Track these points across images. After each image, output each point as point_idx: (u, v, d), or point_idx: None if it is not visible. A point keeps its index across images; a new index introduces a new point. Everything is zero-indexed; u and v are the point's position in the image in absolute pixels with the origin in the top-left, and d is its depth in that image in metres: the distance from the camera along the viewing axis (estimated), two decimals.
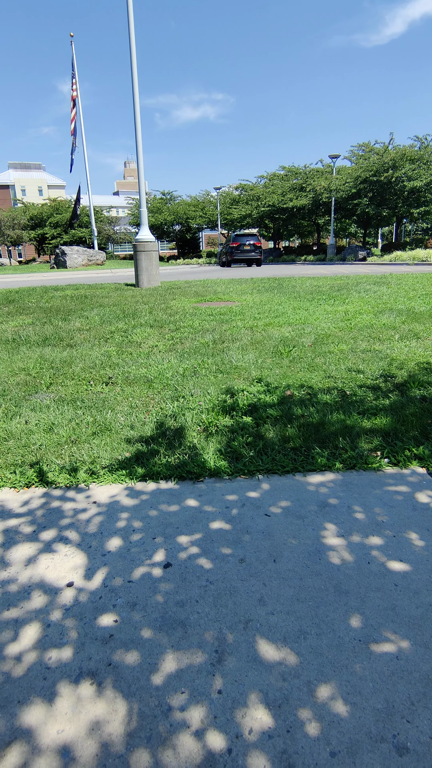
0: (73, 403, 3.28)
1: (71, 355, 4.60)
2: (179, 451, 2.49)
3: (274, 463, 2.34)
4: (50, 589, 1.57)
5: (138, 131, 10.65)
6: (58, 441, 2.66)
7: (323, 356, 4.25)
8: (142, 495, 2.13)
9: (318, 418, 2.82)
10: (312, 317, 6.21)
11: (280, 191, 33.44)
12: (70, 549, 1.77)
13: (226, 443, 2.56)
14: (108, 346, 4.95)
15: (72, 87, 23.28)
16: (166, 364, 4.15)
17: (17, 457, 2.50)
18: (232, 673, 1.24)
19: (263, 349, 4.59)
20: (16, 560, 1.73)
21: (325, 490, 2.11)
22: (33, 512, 2.02)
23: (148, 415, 3.01)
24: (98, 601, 1.51)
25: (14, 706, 1.18)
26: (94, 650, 1.33)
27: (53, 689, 1.22)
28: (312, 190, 31.13)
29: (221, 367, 4.02)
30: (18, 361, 4.43)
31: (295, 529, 1.85)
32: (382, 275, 12.81)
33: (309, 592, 1.52)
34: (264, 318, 6.23)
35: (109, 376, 3.86)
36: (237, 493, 2.12)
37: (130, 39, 10.09)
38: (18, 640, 1.38)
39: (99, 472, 2.32)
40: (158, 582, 1.58)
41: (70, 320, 6.55)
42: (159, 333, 5.56)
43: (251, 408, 3.05)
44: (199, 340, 5.06)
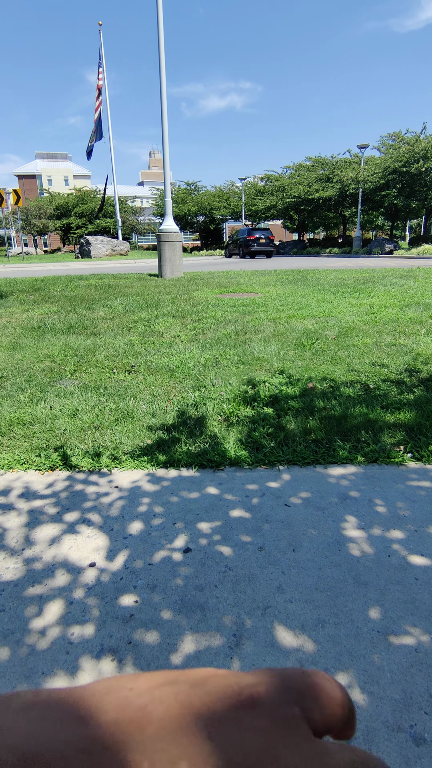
0: (96, 390, 3.33)
1: (95, 343, 4.66)
2: (200, 440, 2.51)
3: (295, 455, 2.33)
4: (73, 569, 1.62)
5: (164, 121, 10.62)
6: (81, 426, 2.71)
7: (347, 349, 4.20)
8: (163, 481, 2.16)
9: (340, 411, 2.79)
10: (336, 310, 6.13)
11: (306, 182, 32.94)
12: (92, 531, 1.82)
13: (246, 433, 2.57)
14: (131, 335, 4.99)
15: (98, 76, 23.33)
16: (188, 354, 4.17)
17: (42, 440, 2.56)
18: (250, 657, 1.26)
19: (286, 341, 4.56)
20: (41, 540, 1.78)
21: (346, 483, 2.10)
22: (57, 494, 2.08)
23: (169, 404, 3.04)
24: (119, 582, 1.55)
25: (38, 677, 1.22)
26: (114, 628, 1.37)
27: (76, 663, 1.26)
28: (339, 181, 30.57)
29: (243, 358, 4.02)
30: (43, 348, 4.51)
31: (315, 520, 1.85)
32: (409, 269, 12.53)
33: (328, 582, 1.52)
34: (287, 310, 6.18)
35: (132, 365, 3.90)
36: (257, 482, 2.12)
37: (159, 27, 10.03)
38: (42, 615, 1.42)
39: (121, 457, 2.36)
40: (178, 566, 1.61)
41: (94, 309, 6.63)
42: (181, 323, 5.58)
43: (273, 399, 3.04)
44: (222, 330, 5.06)
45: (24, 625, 1.39)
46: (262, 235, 24.22)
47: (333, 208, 34.88)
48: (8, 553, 1.70)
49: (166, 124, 10.63)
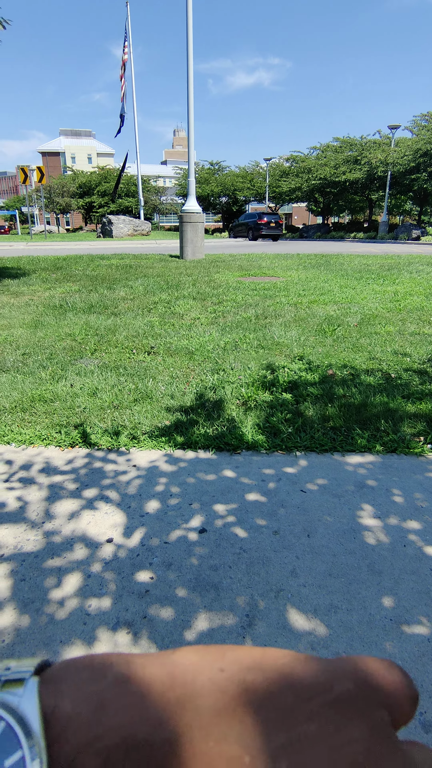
0: (116, 369, 3.36)
1: (115, 323, 4.69)
2: (218, 423, 2.52)
3: (313, 441, 2.33)
4: (91, 543, 1.66)
5: (190, 98, 10.41)
6: (101, 405, 2.74)
7: (369, 337, 4.13)
8: (181, 462, 2.18)
9: (360, 399, 2.76)
10: (359, 296, 6.02)
11: (333, 164, 32.08)
12: (110, 507, 1.85)
13: (264, 418, 2.57)
14: (151, 316, 5.00)
15: (124, 50, 22.93)
16: (208, 337, 4.16)
17: (63, 417, 2.60)
18: (262, 637, 1.28)
19: (306, 326, 4.51)
20: (60, 514, 1.82)
21: (363, 471, 2.09)
22: (76, 470, 2.12)
23: (188, 386, 3.05)
24: (136, 558, 1.58)
25: (56, 645, 1.27)
26: (130, 603, 1.40)
27: (92, 634, 1.30)
28: (367, 163, 29.70)
29: (263, 342, 3.99)
30: (65, 327, 4.56)
31: (331, 506, 1.85)
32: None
33: (342, 568, 1.53)
34: (309, 295, 6.10)
35: (151, 346, 3.92)
36: (274, 467, 2.13)
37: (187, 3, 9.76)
38: (61, 587, 1.47)
39: (139, 437, 2.39)
40: (193, 546, 1.63)
41: (115, 289, 6.64)
42: (202, 305, 5.55)
43: (291, 385, 3.02)
44: (242, 314, 5.03)
45: (43, 595, 1.43)
46: (271, 219, 25.28)
47: (359, 192, 33.97)
48: (29, 525, 1.75)
49: (191, 101, 10.43)
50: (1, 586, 1.47)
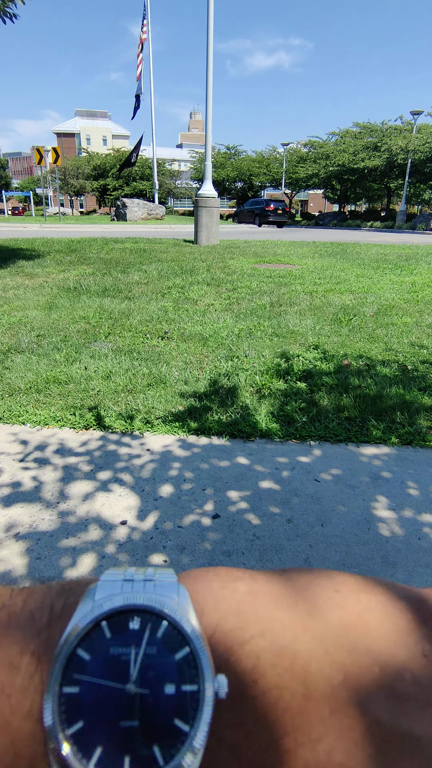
0: (129, 353, 3.35)
1: (129, 307, 4.67)
2: (231, 410, 2.51)
3: (327, 431, 2.31)
4: (105, 525, 1.67)
5: (209, 79, 10.21)
6: (115, 389, 2.75)
7: (385, 327, 4.07)
8: (194, 448, 2.18)
9: (375, 390, 2.73)
10: (376, 286, 5.93)
11: (352, 150, 31.40)
12: (124, 490, 1.86)
13: (278, 406, 2.55)
14: (165, 302, 4.98)
15: (142, 29, 22.50)
16: (222, 324, 4.13)
17: (77, 400, 2.61)
18: None
19: (322, 315, 4.46)
20: (75, 495, 1.83)
21: (378, 463, 2.07)
22: (91, 453, 2.13)
23: (201, 372, 3.04)
24: (149, 541, 1.59)
25: None
26: None
27: None
28: (387, 150, 29.03)
29: (277, 330, 3.96)
30: (79, 310, 4.55)
31: (345, 497, 1.84)
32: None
33: (355, 559, 1.52)
34: (325, 284, 6.02)
35: (165, 331, 3.90)
36: (288, 456, 2.12)
37: None
38: (76, 566, 1.48)
39: (153, 421, 2.39)
40: (206, 531, 1.64)
41: (129, 273, 6.61)
42: (216, 292, 5.51)
43: (306, 374, 3.00)
44: (256, 301, 4.98)
45: (58, 573, 1.45)
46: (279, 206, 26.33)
47: (378, 179, 33.29)
48: (44, 505, 1.77)
49: (210, 83, 10.22)
50: (18, 563, 1.49)
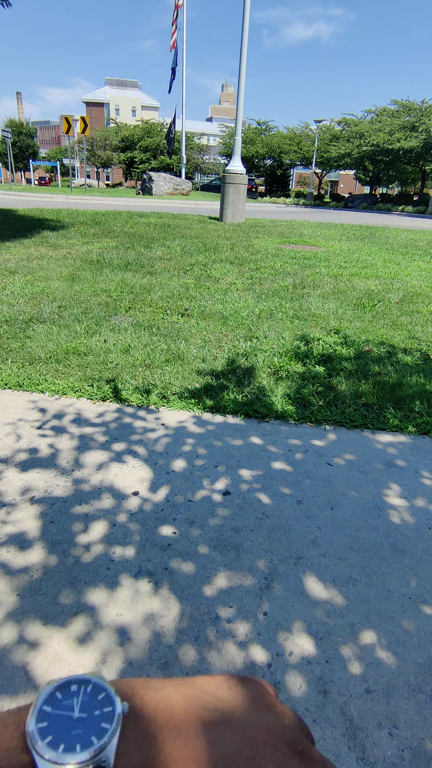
0: (149, 329, 3.36)
1: (150, 282, 4.66)
2: (247, 390, 2.50)
3: (343, 416, 2.29)
4: (118, 494, 1.70)
5: (243, 50, 9.87)
6: (133, 363, 2.76)
7: (410, 315, 3.98)
8: (209, 425, 2.19)
9: (395, 378, 2.69)
10: (403, 272, 5.77)
11: (388, 129, 30.19)
12: (137, 462, 1.89)
13: (295, 389, 2.53)
14: (186, 278, 4.94)
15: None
16: (243, 303, 4.09)
17: (95, 372, 2.64)
18: (279, 600, 1.30)
19: (345, 299, 4.38)
20: (89, 464, 1.87)
21: (393, 451, 2.05)
22: (107, 424, 2.16)
23: (220, 351, 3.03)
24: (160, 513, 1.62)
25: (81, 585, 1.32)
26: (153, 554, 1.44)
27: (115, 579, 1.35)
28: (425, 131, 27.84)
29: (298, 312, 3.90)
30: (101, 282, 4.56)
31: (357, 482, 1.83)
32: None
33: (363, 543, 1.52)
34: (350, 267, 5.89)
35: (186, 308, 3.89)
36: (301, 438, 2.11)
37: None
38: (87, 532, 1.52)
39: (169, 397, 2.41)
40: (217, 506, 1.66)
41: (152, 248, 6.57)
42: (238, 270, 5.45)
43: (325, 358, 2.96)
44: (279, 282, 4.91)
45: (71, 538, 1.49)
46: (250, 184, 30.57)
47: (413, 162, 32.03)
48: (59, 471, 1.81)
49: (245, 54, 9.89)
50: (32, 525, 1.53)
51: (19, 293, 4.09)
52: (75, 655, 1.13)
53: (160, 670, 1.11)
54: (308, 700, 1.06)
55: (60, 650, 1.14)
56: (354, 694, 1.08)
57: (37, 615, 1.23)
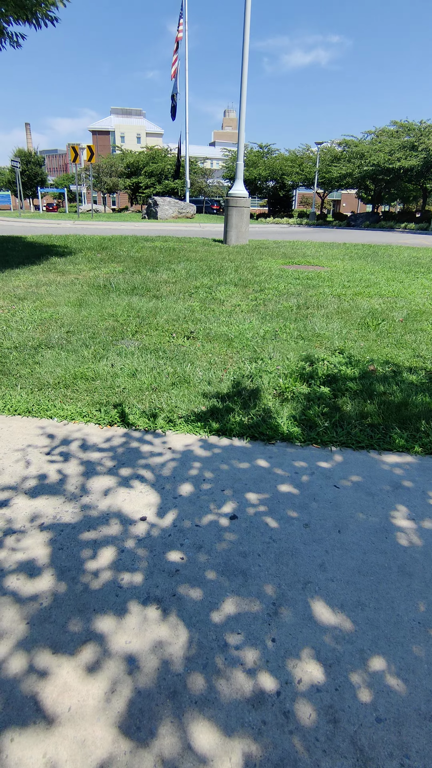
0: (155, 352, 3.41)
1: (156, 306, 4.74)
2: (253, 412, 2.52)
3: (349, 437, 2.30)
4: (125, 520, 1.72)
5: (244, 77, 10.20)
6: (140, 387, 2.80)
7: (414, 333, 4.00)
8: (215, 448, 2.21)
9: (401, 398, 2.70)
10: (406, 291, 5.82)
11: (388, 149, 30.73)
12: (145, 487, 1.91)
13: (300, 410, 2.55)
14: (192, 301, 5.02)
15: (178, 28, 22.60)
16: (248, 325, 4.15)
17: (103, 396, 2.68)
18: (287, 626, 1.30)
19: (349, 319, 4.42)
20: (97, 489, 1.89)
21: (400, 472, 2.05)
22: (114, 449, 2.19)
23: (225, 373, 3.06)
24: (167, 538, 1.63)
25: (90, 612, 1.33)
26: (161, 580, 1.45)
27: (124, 606, 1.36)
28: (425, 150, 28.30)
29: (303, 333, 3.94)
30: (108, 307, 4.65)
31: (364, 504, 1.83)
32: None
33: (371, 567, 1.52)
34: (353, 287, 5.95)
35: (191, 331, 3.95)
36: (308, 460, 2.12)
37: None
38: (96, 558, 1.53)
39: (176, 420, 2.43)
40: (224, 531, 1.67)
41: (158, 272, 6.69)
42: (243, 292, 5.53)
43: (330, 378, 2.99)
44: (283, 303, 4.97)
45: (79, 564, 1.50)
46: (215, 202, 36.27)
47: (414, 180, 32.48)
48: (68, 497, 1.83)
49: (245, 82, 10.21)
50: (41, 552, 1.55)
51: (28, 319, 4.18)
52: (84, 685, 1.14)
53: (169, 699, 1.11)
54: (318, 730, 1.05)
55: (69, 679, 1.15)
56: (364, 723, 1.07)
57: (46, 643, 1.24)
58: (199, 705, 1.10)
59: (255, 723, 1.07)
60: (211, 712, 1.08)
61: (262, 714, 1.08)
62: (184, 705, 1.10)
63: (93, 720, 1.06)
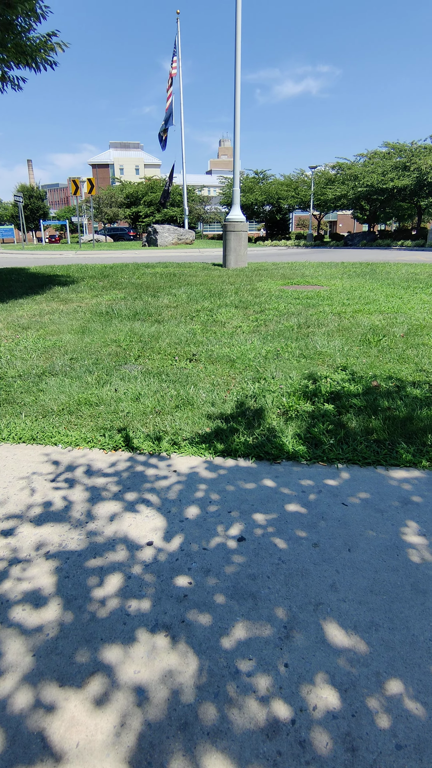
0: (158, 376, 3.42)
1: (159, 330, 4.78)
2: (258, 432, 2.51)
3: (355, 454, 2.28)
4: (132, 545, 1.69)
5: (236, 109, 10.54)
6: (143, 410, 2.81)
7: (416, 348, 4.01)
8: (220, 470, 2.19)
9: (406, 412, 2.68)
10: (406, 306, 5.85)
11: (381, 170, 31.39)
12: (151, 511, 1.89)
13: (305, 429, 2.54)
14: (193, 324, 5.07)
15: (172, 65, 23.51)
16: (249, 345, 4.17)
17: (107, 421, 2.68)
18: (300, 650, 1.26)
19: (350, 336, 4.43)
20: (103, 515, 1.87)
21: (408, 487, 2.03)
22: (119, 474, 2.17)
23: (228, 394, 3.06)
24: (175, 563, 1.60)
25: (97, 642, 1.30)
26: (169, 606, 1.42)
27: (132, 634, 1.33)
28: (416, 170, 28.88)
29: (305, 351, 3.96)
30: (110, 333, 4.70)
31: (373, 521, 1.80)
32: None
33: (383, 585, 1.49)
34: (353, 304, 5.99)
35: (193, 353, 3.97)
36: (314, 479, 2.10)
37: (237, 13, 9.92)
38: (103, 586, 1.51)
39: (180, 443, 2.42)
40: (232, 553, 1.64)
41: (159, 297, 6.78)
42: (244, 314, 5.58)
43: (334, 396, 2.98)
44: (284, 323, 5.01)
45: (86, 593, 1.48)
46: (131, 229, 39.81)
47: (408, 199, 33.05)
48: (73, 524, 1.82)
49: (238, 113, 10.55)
50: (47, 582, 1.53)
51: (32, 348, 4.23)
52: (93, 719, 1.11)
53: (180, 731, 1.07)
54: (336, 759, 1.01)
55: (77, 713, 1.12)
56: (384, 750, 1.03)
57: (53, 676, 1.21)
58: (212, 736, 1.06)
59: (270, 754, 1.03)
60: (224, 744, 1.05)
61: (277, 744, 1.04)
62: (195, 737, 1.06)
63: (102, 756, 1.03)
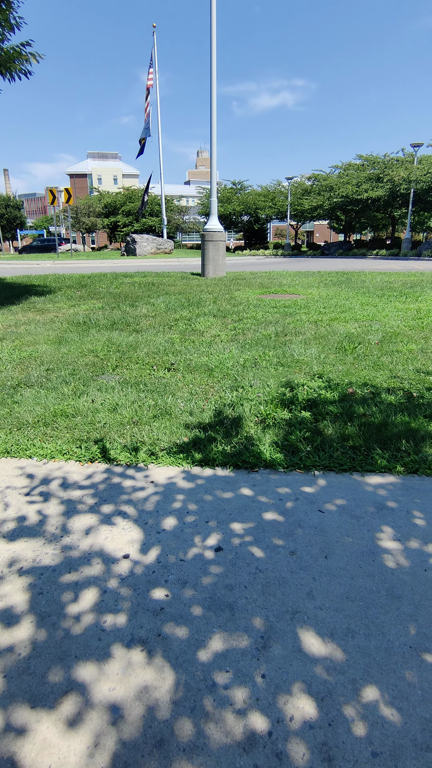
0: (136, 386, 3.40)
1: (137, 340, 4.76)
2: (236, 440, 2.52)
3: (332, 460, 2.30)
4: (108, 559, 1.67)
5: (213, 121, 10.68)
6: (121, 421, 2.78)
7: (390, 355, 4.09)
8: (198, 479, 2.18)
9: (380, 419, 2.73)
10: (381, 314, 5.97)
11: (355, 182, 32.18)
12: (127, 523, 1.86)
13: (283, 436, 2.56)
14: (172, 334, 5.07)
15: (148, 77, 23.71)
16: (227, 354, 4.19)
17: (83, 433, 2.64)
18: (277, 660, 1.26)
19: (327, 344, 4.49)
20: (78, 529, 1.84)
21: (383, 492, 2.05)
22: (95, 486, 2.14)
23: (206, 403, 3.06)
24: (151, 575, 1.58)
25: (71, 660, 1.27)
26: (145, 620, 1.40)
27: (107, 650, 1.30)
28: (389, 181, 29.68)
29: (282, 360, 3.99)
30: (87, 343, 4.65)
31: (350, 528, 1.82)
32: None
33: (360, 592, 1.50)
34: (329, 312, 6.08)
35: (172, 363, 3.96)
36: (291, 486, 2.11)
37: (212, 28, 10.09)
38: (77, 601, 1.48)
39: (158, 453, 2.41)
40: (209, 564, 1.63)
41: (137, 306, 6.76)
42: (222, 323, 5.60)
43: (310, 403, 3.01)
44: (262, 331, 5.05)
45: (60, 609, 1.45)
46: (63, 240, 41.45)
47: (382, 209, 33.92)
48: (48, 539, 1.78)
49: (214, 124, 10.69)
50: (19, 599, 1.49)
51: (7, 359, 4.16)
52: (65, 740, 1.08)
53: (155, 749, 1.05)
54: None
55: (49, 735, 1.09)
56: (360, 759, 1.03)
57: (24, 698, 1.17)
58: (188, 753, 1.04)
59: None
60: (201, 760, 1.03)
61: (253, 758, 1.03)
62: (171, 754, 1.04)
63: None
